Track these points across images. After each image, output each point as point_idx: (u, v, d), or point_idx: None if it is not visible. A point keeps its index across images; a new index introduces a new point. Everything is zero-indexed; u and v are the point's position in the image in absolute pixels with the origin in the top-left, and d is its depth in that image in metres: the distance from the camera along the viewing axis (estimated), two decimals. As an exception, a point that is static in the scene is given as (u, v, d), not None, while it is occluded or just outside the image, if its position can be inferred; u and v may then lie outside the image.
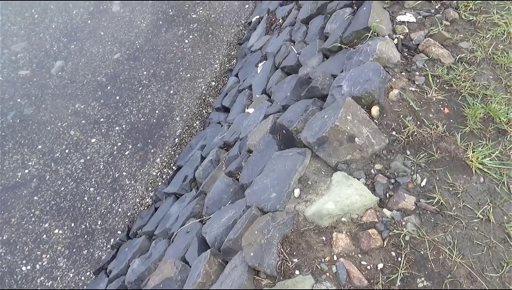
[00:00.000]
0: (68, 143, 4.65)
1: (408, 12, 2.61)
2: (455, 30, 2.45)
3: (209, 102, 4.89)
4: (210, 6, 5.96)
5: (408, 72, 2.28)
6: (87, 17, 5.92)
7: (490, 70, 2.26)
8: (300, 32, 3.68)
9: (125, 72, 5.27)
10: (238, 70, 4.64)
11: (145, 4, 6.00)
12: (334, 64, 2.71)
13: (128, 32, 5.70)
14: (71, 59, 5.46)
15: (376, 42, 2.35)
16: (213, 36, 5.60)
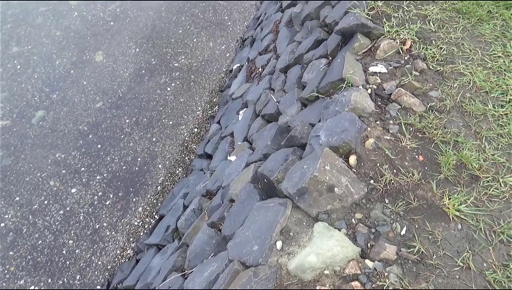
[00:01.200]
0: (47, 194, 4.55)
1: (380, 63, 2.74)
2: (424, 80, 2.58)
3: (192, 148, 4.91)
4: (192, 55, 6.13)
5: (382, 121, 2.37)
6: (70, 67, 5.99)
7: (459, 117, 2.36)
8: (279, 81, 3.81)
9: (107, 121, 5.28)
10: (220, 117, 4.71)
11: (128, 54, 6.12)
12: (312, 113, 2.79)
13: (111, 81, 5.78)
14: (53, 108, 5.46)
15: (350, 93, 2.45)
16: (195, 84, 5.72)
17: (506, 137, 2.25)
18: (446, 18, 2.98)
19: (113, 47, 6.24)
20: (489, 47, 2.78)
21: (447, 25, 2.93)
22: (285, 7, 5.11)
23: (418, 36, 2.85)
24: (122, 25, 6.63)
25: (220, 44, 6.31)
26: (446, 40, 2.81)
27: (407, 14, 3.03)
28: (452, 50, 2.75)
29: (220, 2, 7.01)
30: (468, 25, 2.93)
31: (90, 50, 6.22)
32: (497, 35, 2.85)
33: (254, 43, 5.52)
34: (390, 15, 3.01)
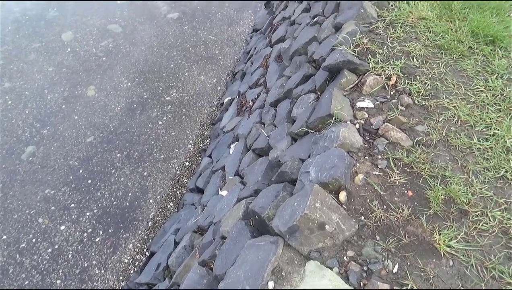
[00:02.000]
0: (36, 232, 4.46)
1: (367, 98, 2.81)
2: (410, 115, 2.64)
3: (183, 182, 4.89)
4: (183, 89, 6.21)
5: (371, 156, 2.39)
6: (62, 102, 6.02)
7: (446, 151, 2.40)
8: (269, 115, 3.86)
9: (98, 155, 5.26)
10: (211, 150, 4.72)
11: (120, 89, 6.19)
12: (302, 148, 2.81)
13: (103, 115, 5.80)
14: (43, 144, 5.44)
15: (339, 128, 2.49)
16: (186, 117, 5.77)
17: (492, 171, 2.28)
18: (429, 54, 3.08)
19: (105, 82, 6.31)
20: (471, 81, 2.86)
21: (430, 60, 3.02)
22: (274, 42, 5.25)
23: (402, 72, 2.93)
24: (114, 60, 6.73)
25: (211, 78, 6.41)
26: (430, 75, 2.90)
27: (391, 50, 3.12)
28: (436, 85, 2.83)
29: (210, 37, 7.19)
30: (450, 61, 3.03)
31: (82, 85, 6.28)
32: (478, 70, 2.95)
33: (245, 77, 5.62)
34: (375, 51, 3.11)
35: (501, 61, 3.00)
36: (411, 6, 3.56)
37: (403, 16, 3.46)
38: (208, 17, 7.74)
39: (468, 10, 3.46)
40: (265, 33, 6.25)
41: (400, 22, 3.42)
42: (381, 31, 3.34)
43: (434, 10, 3.48)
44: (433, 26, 3.31)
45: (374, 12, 3.56)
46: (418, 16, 3.43)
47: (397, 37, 3.26)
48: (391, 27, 3.38)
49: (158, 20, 7.61)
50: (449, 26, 3.31)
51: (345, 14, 3.60)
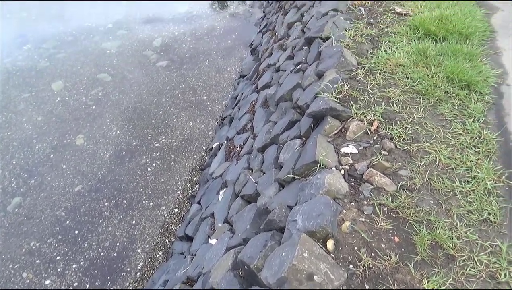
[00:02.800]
0: (19, 288, 4.30)
1: (350, 144, 2.87)
2: (393, 159, 2.70)
3: (172, 230, 4.82)
4: (172, 135, 6.27)
5: (357, 202, 2.42)
6: (50, 151, 6.00)
7: (430, 195, 2.44)
8: (257, 161, 3.90)
9: (85, 205, 5.19)
10: (200, 196, 4.71)
11: (109, 136, 6.22)
12: (289, 194, 2.83)
13: (91, 164, 5.79)
14: (30, 194, 5.36)
15: (324, 175, 2.53)
16: (175, 163, 5.78)
17: (476, 214, 2.32)
18: (408, 99, 3.20)
19: (94, 130, 6.35)
20: (450, 125, 2.97)
21: (409, 105, 3.14)
22: (260, 88, 5.40)
23: (383, 117, 3.03)
24: (104, 108, 6.81)
25: (200, 123, 6.51)
26: (410, 120, 3.00)
27: (372, 96, 3.24)
28: (416, 129, 2.92)
29: (199, 84, 7.36)
30: (428, 105, 3.14)
31: (71, 134, 6.30)
32: (456, 113, 3.06)
33: (233, 122, 5.72)
34: (356, 98, 3.22)
35: (477, 105, 3.12)
36: (389, 53, 3.74)
37: (381, 63, 3.62)
38: (196, 64, 7.97)
39: (443, 57, 3.64)
40: (252, 79, 6.43)
41: (379, 69, 3.57)
42: (361, 78, 3.48)
43: (410, 57, 3.65)
44: (410, 72, 3.46)
45: (354, 60, 3.72)
46: (395, 63, 3.59)
47: (377, 83, 3.39)
48: (371, 74, 3.53)
49: (147, 68, 7.81)
50: (426, 72, 3.47)
51: (327, 63, 3.76)
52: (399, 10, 4.48)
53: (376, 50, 3.85)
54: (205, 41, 8.71)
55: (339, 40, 3.99)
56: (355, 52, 3.83)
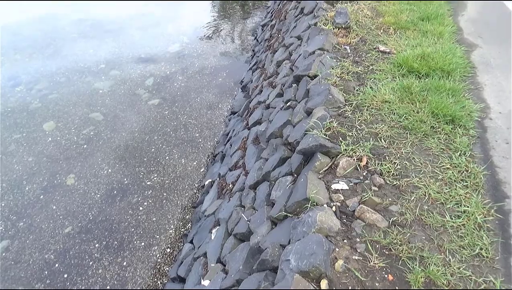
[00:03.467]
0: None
1: (341, 180, 2.90)
2: (383, 195, 2.72)
3: (164, 271, 4.71)
4: (164, 173, 6.26)
5: (349, 239, 2.42)
6: (40, 192, 5.93)
7: (421, 231, 2.45)
8: (249, 198, 3.90)
9: (75, 247, 5.08)
10: (193, 235, 4.64)
11: (100, 176, 6.19)
12: (282, 233, 2.82)
13: (82, 204, 5.71)
14: (18, 237, 5.24)
15: (315, 213, 2.54)
16: (167, 201, 5.74)
17: (468, 249, 2.33)
18: (395, 135, 3.27)
19: (85, 170, 6.32)
20: (437, 159, 3.02)
21: (397, 141, 3.20)
22: (251, 125, 5.47)
23: (372, 153, 3.08)
24: (95, 147, 6.81)
25: (192, 160, 6.52)
26: (398, 155, 3.05)
27: (360, 132, 3.31)
28: (405, 165, 2.97)
29: (190, 121, 7.44)
30: (415, 140, 3.21)
31: (61, 174, 6.25)
32: (442, 148, 3.13)
33: (224, 158, 5.74)
34: (345, 134, 3.28)
35: (462, 139, 3.20)
36: (374, 90, 3.85)
37: (368, 100, 3.72)
38: (188, 101, 8.09)
39: (427, 93, 3.75)
40: (243, 115, 6.52)
41: (366, 105, 3.66)
42: (349, 114, 3.57)
43: (395, 94, 3.77)
44: (396, 108, 3.56)
45: (341, 97, 3.82)
46: (381, 100, 3.69)
47: (365, 119, 3.47)
48: (358, 110, 3.62)
49: (139, 107, 7.89)
50: (411, 108, 3.56)
51: (315, 100, 3.85)
52: (383, 48, 4.66)
53: (363, 87, 3.96)
54: (197, 79, 8.88)
55: (326, 78, 4.11)
56: (342, 90, 3.94)
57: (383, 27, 5.24)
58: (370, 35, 5.05)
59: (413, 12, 5.59)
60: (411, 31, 5.10)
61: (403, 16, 5.47)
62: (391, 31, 5.14)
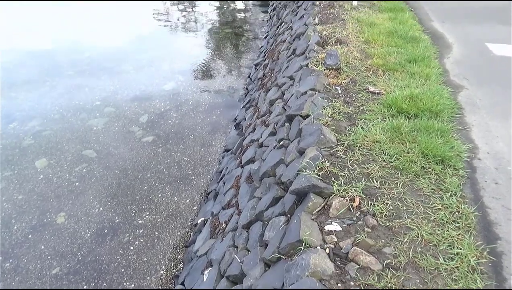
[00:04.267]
0: None
1: (334, 221, 2.91)
2: (377, 236, 2.72)
3: (155, 315, 4.57)
4: (156, 211, 6.20)
5: (343, 283, 2.39)
6: (29, 231, 5.81)
7: (415, 273, 2.44)
8: (242, 238, 3.86)
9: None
10: (184, 277, 4.54)
11: (91, 214, 6.10)
12: (275, 275, 2.78)
13: (71, 243, 5.60)
14: (4, 279, 5.08)
15: (309, 255, 2.52)
16: (159, 241, 5.64)
17: (462, 292, 2.31)
18: (387, 175, 3.31)
19: (76, 208, 6.23)
20: (429, 200, 3.05)
21: (388, 181, 3.24)
22: (244, 163, 5.50)
23: (365, 193, 3.11)
24: (87, 185, 6.76)
25: (185, 198, 6.48)
26: (390, 196, 3.08)
27: (352, 172, 3.35)
28: (397, 205, 2.99)
29: (184, 158, 7.46)
30: (407, 181, 3.25)
31: (52, 212, 6.16)
32: (433, 188, 3.17)
33: (218, 196, 5.72)
34: (337, 174, 3.32)
35: (452, 179, 3.25)
36: (365, 130, 3.93)
37: (359, 140, 3.79)
38: (181, 139, 8.14)
39: (416, 133, 3.84)
40: (236, 153, 6.56)
41: (357, 145, 3.73)
42: (341, 154, 3.62)
43: (386, 134, 3.85)
44: (387, 149, 3.62)
45: (333, 137, 3.89)
46: (372, 140, 3.77)
47: (356, 159, 3.52)
48: (350, 150, 3.68)
49: (133, 144, 7.91)
50: (402, 148, 3.63)
51: (307, 140, 3.91)
52: (373, 89, 4.80)
53: (354, 127, 4.04)
54: (191, 117, 8.99)
55: (318, 118, 4.20)
56: (334, 129, 4.02)
57: (372, 68, 5.41)
58: (360, 76, 5.21)
59: (401, 55, 5.80)
60: (399, 73, 5.28)
61: (391, 58, 5.67)
62: (380, 72, 5.31)
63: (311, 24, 7.70)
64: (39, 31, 14.89)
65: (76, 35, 14.39)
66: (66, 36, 14.26)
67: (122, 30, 15.39)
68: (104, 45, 13.56)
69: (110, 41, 13.90)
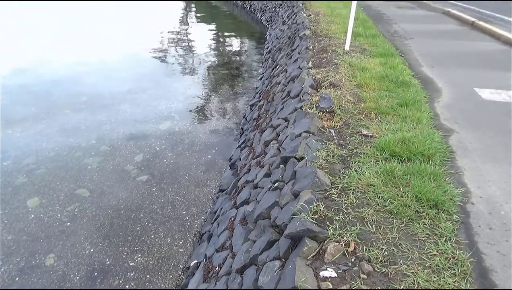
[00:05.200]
0: None
1: (329, 267, 2.87)
2: (372, 283, 2.69)
3: None
4: (149, 253, 6.07)
5: (339, 333, 2.33)
6: (16, 274, 5.64)
7: (412, 323, 2.39)
8: (236, 283, 3.78)
9: (47, 336, 4.72)
10: (175, 323, 4.39)
11: (81, 256, 5.96)
12: (270, 324, 2.71)
13: (59, 287, 5.42)
14: (-14, 325, 4.88)
15: (304, 303, 2.47)
16: (150, 284, 5.49)
17: None
18: (381, 219, 3.32)
19: (66, 249, 6.10)
20: (424, 245, 3.04)
21: (383, 225, 3.24)
22: (239, 205, 5.47)
23: (360, 238, 3.10)
24: (79, 225, 6.65)
25: (178, 239, 6.37)
26: (385, 241, 3.07)
27: (347, 216, 3.35)
28: (392, 251, 2.97)
29: (178, 198, 7.41)
30: (401, 225, 3.25)
31: (41, 254, 6.01)
32: (428, 233, 3.17)
33: (211, 238, 5.64)
34: (332, 218, 3.32)
35: (446, 224, 3.26)
36: (359, 173, 3.98)
37: (353, 183, 3.82)
38: (176, 178, 8.12)
39: (409, 176, 3.88)
40: (231, 194, 6.54)
41: (351, 188, 3.75)
42: (335, 197, 3.64)
43: (379, 177, 3.89)
44: (381, 192, 3.65)
45: (327, 180, 3.92)
46: (366, 183, 3.80)
47: (351, 203, 3.54)
48: (344, 193, 3.70)
49: (127, 183, 7.87)
50: (395, 192, 3.66)
51: (302, 182, 3.93)
52: (365, 132, 4.89)
53: (348, 170, 4.09)
54: (186, 156, 9.02)
55: (312, 161, 4.25)
56: (328, 172, 4.06)
57: (365, 112, 5.54)
58: (353, 119, 5.33)
59: (392, 99, 5.96)
60: (391, 116, 5.41)
61: (383, 102, 5.82)
62: (372, 115, 5.43)
63: (305, 67, 7.95)
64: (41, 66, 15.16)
65: (76, 73, 14.66)
66: (66, 73, 14.52)
67: (121, 68, 15.73)
68: (103, 83, 13.80)
69: (110, 80, 14.17)
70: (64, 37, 20.96)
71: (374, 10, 16.34)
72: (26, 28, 23.02)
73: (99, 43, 20.16)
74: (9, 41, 19.91)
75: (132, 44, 20.17)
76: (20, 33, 21.63)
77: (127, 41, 21.06)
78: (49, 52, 17.96)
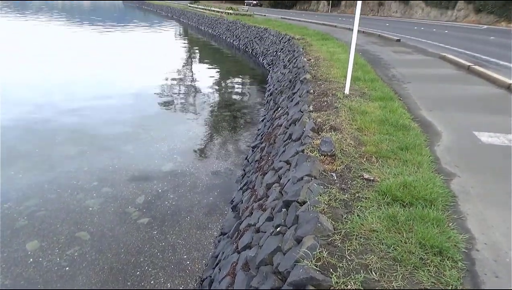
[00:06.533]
0: None
1: (333, 317, 2.81)
2: (378, 335, 2.62)
3: None
4: (148, 299, 5.92)
5: None
6: (11, 321, 5.49)
7: None
8: (238, 333, 3.66)
9: None
10: None
11: (79, 302, 5.82)
12: None
13: (54, 336, 5.25)
14: None
15: None
16: (149, 333, 5.31)
17: None
18: (385, 267, 3.27)
19: (63, 295, 5.96)
20: (429, 295, 2.98)
21: (387, 273, 3.19)
22: (241, 249, 5.40)
23: (364, 286, 3.04)
24: (77, 269, 6.53)
25: (178, 285, 6.23)
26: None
27: (350, 263, 3.31)
28: (397, 300, 2.91)
29: (179, 241, 7.32)
30: (406, 273, 3.20)
31: (37, 300, 5.87)
32: (433, 281, 3.10)
33: (213, 284, 5.52)
34: (335, 265, 3.28)
35: (452, 272, 3.20)
36: (362, 218, 3.96)
37: (356, 228, 3.80)
38: (177, 221, 8.06)
39: (412, 222, 3.86)
40: (232, 237, 6.47)
41: (354, 234, 3.73)
42: (338, 243, 3.60)
43: (382, 222, 3.87)
44: (384, 238, 3.62)
45: (330, 225, 3.90)
46: (369, 229, 3.78)
47: (354, 249, 3.50)
48: (347, 239, 3.67)
49: (128, 226, 7.81)
50: (399, 238, 3.63)
51: (304, 228, 3.92)
52: (367, 176, 4.92)
53: (350, 215, 4.08)
54: (187, 198, 9.00)
55: (314, 205, 4.25)
56: (331, 217, 4.04)
57: (366, 155, 5.60)
58: (355, 163, 5.37)
59: (393, 142, 6.04)
60: (392, 160, 5.45)
61: (383, 146, 5.89)
62: (373, 159, 5.48)
63: (306, 110, 8.11)
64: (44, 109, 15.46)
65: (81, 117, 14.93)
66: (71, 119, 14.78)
67: (126, 109, 16.03)
68: (107, 124, 14.02)
69: (113, 123, 14.40)
70: (69, 72, 21.53)
71: (371, 54, 16.86)
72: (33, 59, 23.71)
73: (105, 84, 20.69)
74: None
75: (136, 84, 20.67)
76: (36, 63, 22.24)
77: (132, 80, 21.60)
78: (51, 96, 18.39)
